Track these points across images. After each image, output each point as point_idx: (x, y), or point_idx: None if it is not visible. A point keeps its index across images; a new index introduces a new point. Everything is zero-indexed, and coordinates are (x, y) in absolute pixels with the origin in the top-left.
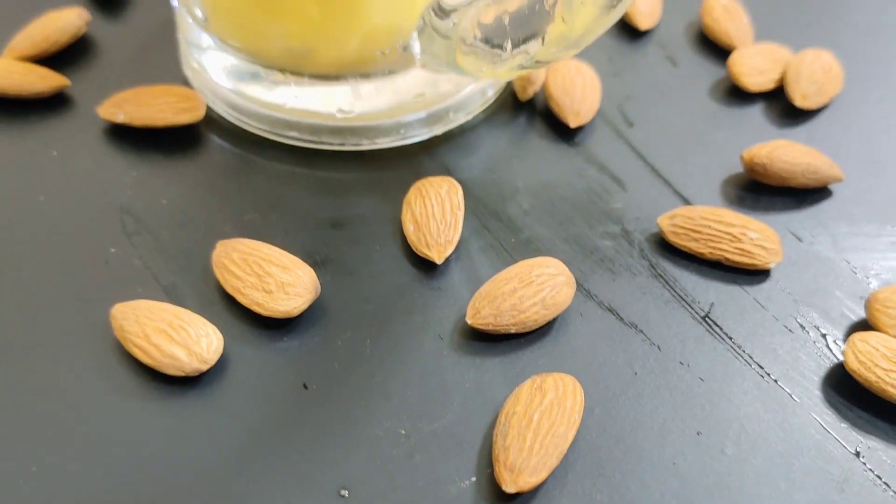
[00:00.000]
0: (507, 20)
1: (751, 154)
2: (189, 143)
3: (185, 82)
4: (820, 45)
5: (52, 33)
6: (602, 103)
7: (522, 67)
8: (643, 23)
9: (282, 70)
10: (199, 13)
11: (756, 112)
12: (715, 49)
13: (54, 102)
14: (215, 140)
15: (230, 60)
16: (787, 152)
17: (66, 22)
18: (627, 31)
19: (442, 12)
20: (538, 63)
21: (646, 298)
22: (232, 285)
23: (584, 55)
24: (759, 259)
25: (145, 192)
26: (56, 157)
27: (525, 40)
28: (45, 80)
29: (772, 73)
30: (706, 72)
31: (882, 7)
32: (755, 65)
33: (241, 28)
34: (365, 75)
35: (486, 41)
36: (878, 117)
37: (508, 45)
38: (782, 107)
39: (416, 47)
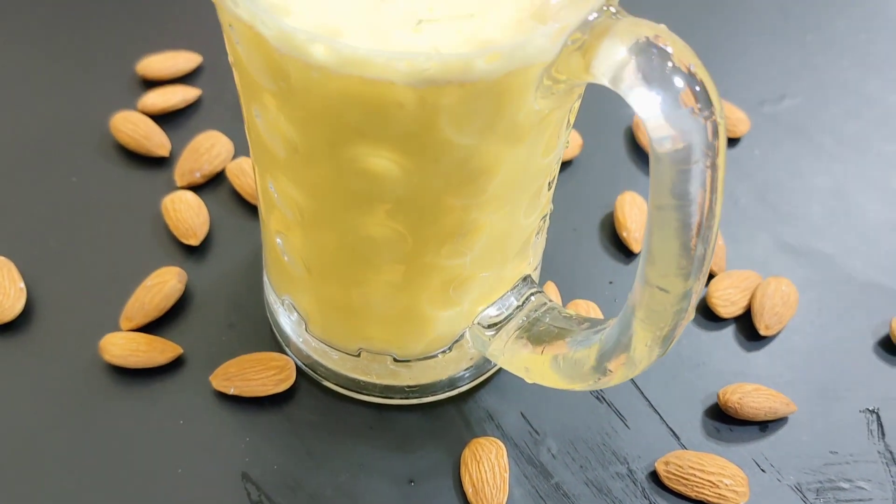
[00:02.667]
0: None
1: (725, 398)
2: (285, 404)
3: (275, 338)
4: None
5: (161, 301)
6: None
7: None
8: (636, 246)
9: (357, 355)
10: (295, 313)
11: (728, 334)
12: None
13: (169, 367)
14: (305, 399)
15: (314, 341)
16: (754, 398)
17: (169, 288)
18: (624, 251)
19: (484, 327)
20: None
21: None
22: None
23: (588, 285)
24: (731, 501)
25: (258, 458)
26: (182, 425)
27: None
28: (165, 353)
29: (741, 302)
30: None
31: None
32: (728, 296)
33: (330, 333)
34: (428, 357)
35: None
36: (825, 343)
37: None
38: (748, 329)
39: (468, 343)
